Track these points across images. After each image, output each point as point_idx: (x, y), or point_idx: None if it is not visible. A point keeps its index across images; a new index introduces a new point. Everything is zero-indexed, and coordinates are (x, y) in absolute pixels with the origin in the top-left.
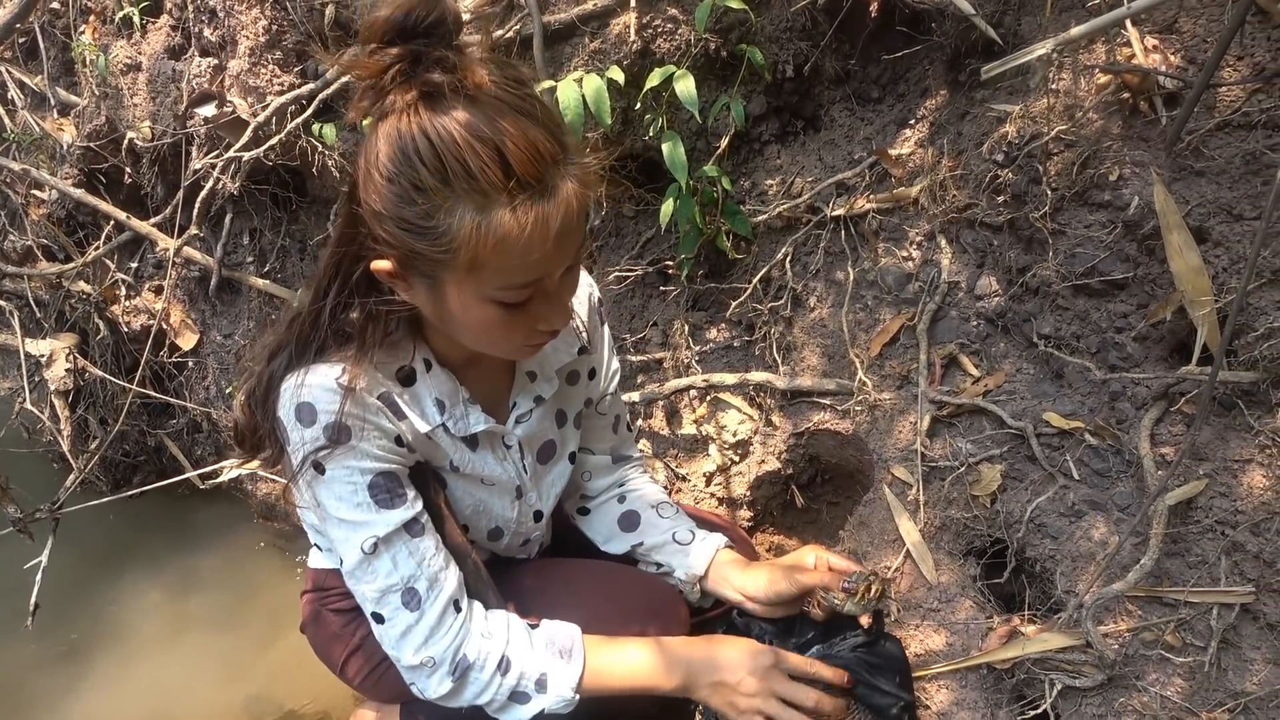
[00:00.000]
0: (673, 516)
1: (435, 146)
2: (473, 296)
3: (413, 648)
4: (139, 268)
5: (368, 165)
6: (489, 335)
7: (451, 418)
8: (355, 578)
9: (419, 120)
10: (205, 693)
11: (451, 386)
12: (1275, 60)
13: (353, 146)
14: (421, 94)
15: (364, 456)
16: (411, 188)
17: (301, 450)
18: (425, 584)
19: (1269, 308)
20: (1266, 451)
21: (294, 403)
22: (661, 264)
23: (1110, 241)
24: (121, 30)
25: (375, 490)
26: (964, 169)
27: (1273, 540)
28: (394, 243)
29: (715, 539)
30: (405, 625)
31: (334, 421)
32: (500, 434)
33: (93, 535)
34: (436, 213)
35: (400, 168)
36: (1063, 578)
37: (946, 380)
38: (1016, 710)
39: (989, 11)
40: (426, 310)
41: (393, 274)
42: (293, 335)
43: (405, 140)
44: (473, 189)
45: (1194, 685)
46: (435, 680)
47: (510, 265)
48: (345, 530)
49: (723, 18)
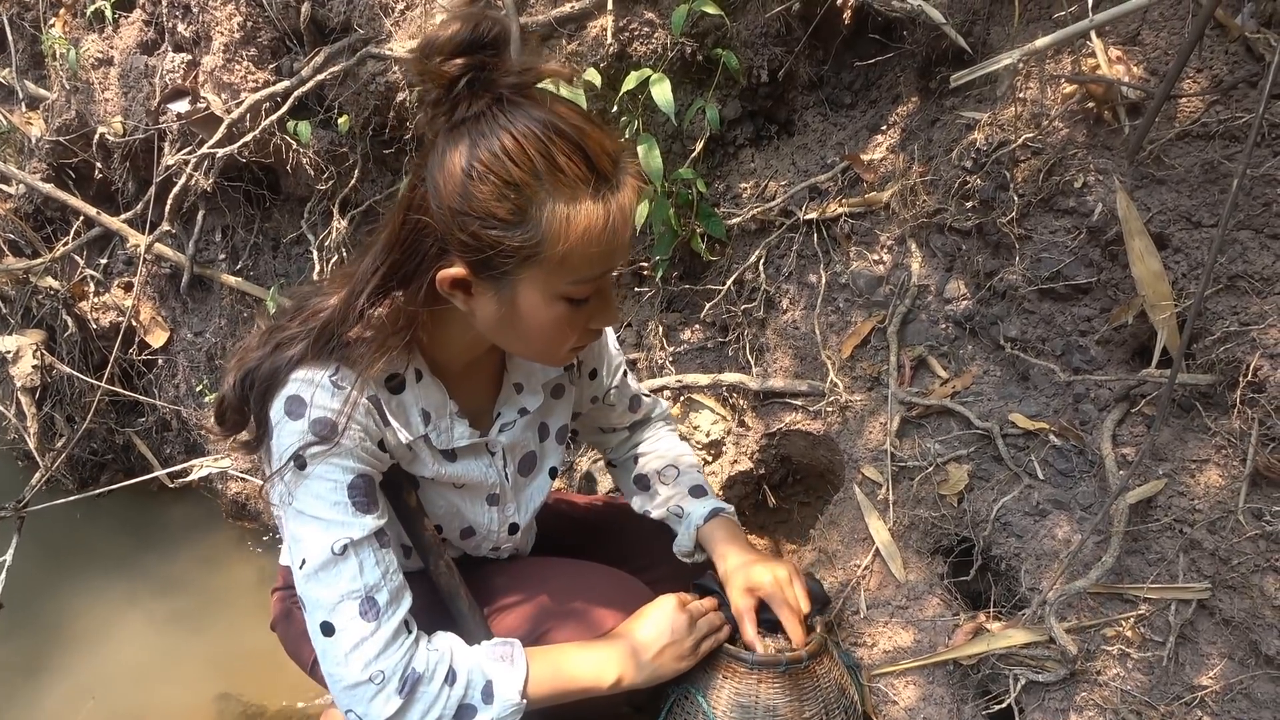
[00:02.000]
0: (672, 483)
1: (521, 144)
2: (546, 294)
3: (363, 661)
4: (108, 264)
5: (446, 170)
6: (550, 336)
7: (436, 430)
8: (316, 580)
9: (500, 122)
10: (174, 692)
11: (440, 399)
12: (1233, 73)
13: (329, 145)
14: (494, 100)
15: (348, 456)
16: (502, 184)
17: (285, 443)
18: (386, 596)
19: (1225, 312)
20: (1222, 452)
21: (284, 395)
22: (637, 265)
23: (1075, 247)
24: (93, 24)
25: (354, 492)
26: (934, 174)
27: (1228, 538)
28: (476, 244)
29: (699, 512)
30: (358, 637)
31: (323, 418)
32: (484, 443)
33: (59, 534)
34: (529, 205)
35: (490, 166)
36: (1027, 575)
37: (916, 381)
38: (981, 705)
39: (959, 21)
40: (485, 316)
41: (459, 281)
42: (311, 329)
43: (491, 141)
44: (561, 182)
45: (1153, 679)
46: (381, 699)
47: (590, 256)
48: (317, 528)
49: (699, 22)
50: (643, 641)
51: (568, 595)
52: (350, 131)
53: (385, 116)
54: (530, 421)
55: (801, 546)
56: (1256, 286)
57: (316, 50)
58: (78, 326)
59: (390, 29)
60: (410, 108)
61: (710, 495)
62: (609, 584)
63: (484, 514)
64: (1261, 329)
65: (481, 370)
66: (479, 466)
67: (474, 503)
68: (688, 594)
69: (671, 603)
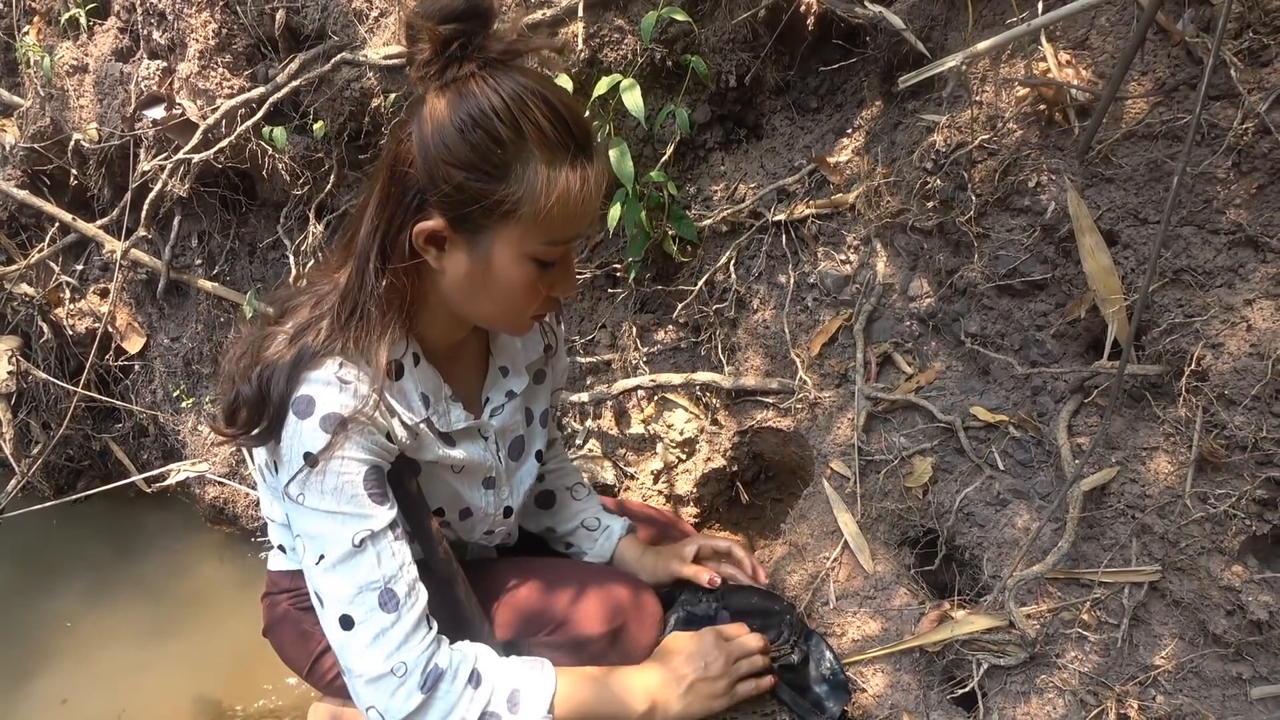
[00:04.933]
0: (584, 499)
1: (509, 103)
2: (518, 252)
3: (385, 653)
4: (84, 270)
5: (436, 123)
6: (516, 297)
7: (435, 413)
8: (334, 573)
9: (489, 83)
10: (151, 696)
11: (436, 382)
12: (1174, 75)
13: (304, 151)
14: (485, 63)
15: (360, 449)
16: (490, 139)
17: (296, 442)
18: (404, 588)
19: (1170, 305)
20: (1171, 439)
21: (296, 393)
22: (610, 267)
23: (1030, 244)
24: (67, 32)
25: (369, 484)
26: (897, 176)
27: (1176, 522)
28: (459, 196)
29: (618, 526)
30: (380, 628)
31: (332, 413)
32: (478, 427)
33: (36, 541)
34: (514, 162)
35: (479, 122)
36: (989, 563)
37: (882, 377)
38: (946, 690)
39: (918, 26)
40: (455, 274)
41: (435, 234)
42: (329, 308)
43: (479, 99)
44: (544, 145)
45: (1108, 661)
46: (403, 694)
47: (564, 218)
48: (334, 523)
49: (667, 28)
50: (677, 674)
51: (577, 595)
52: (325, 137)
53: (360, 122)
54: (518, 405)
55: (773, 541)
56: (1199, 280)
57: (291, 57)
58: (53, 332)
59: (364, 35)
60: (385, 113)
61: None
62: (614, 584)
63: (481, 497)
64: (1204, 320)
65: (468, 354)
66: (476, 450)
67: (472, 487)
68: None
69: (711, 637)
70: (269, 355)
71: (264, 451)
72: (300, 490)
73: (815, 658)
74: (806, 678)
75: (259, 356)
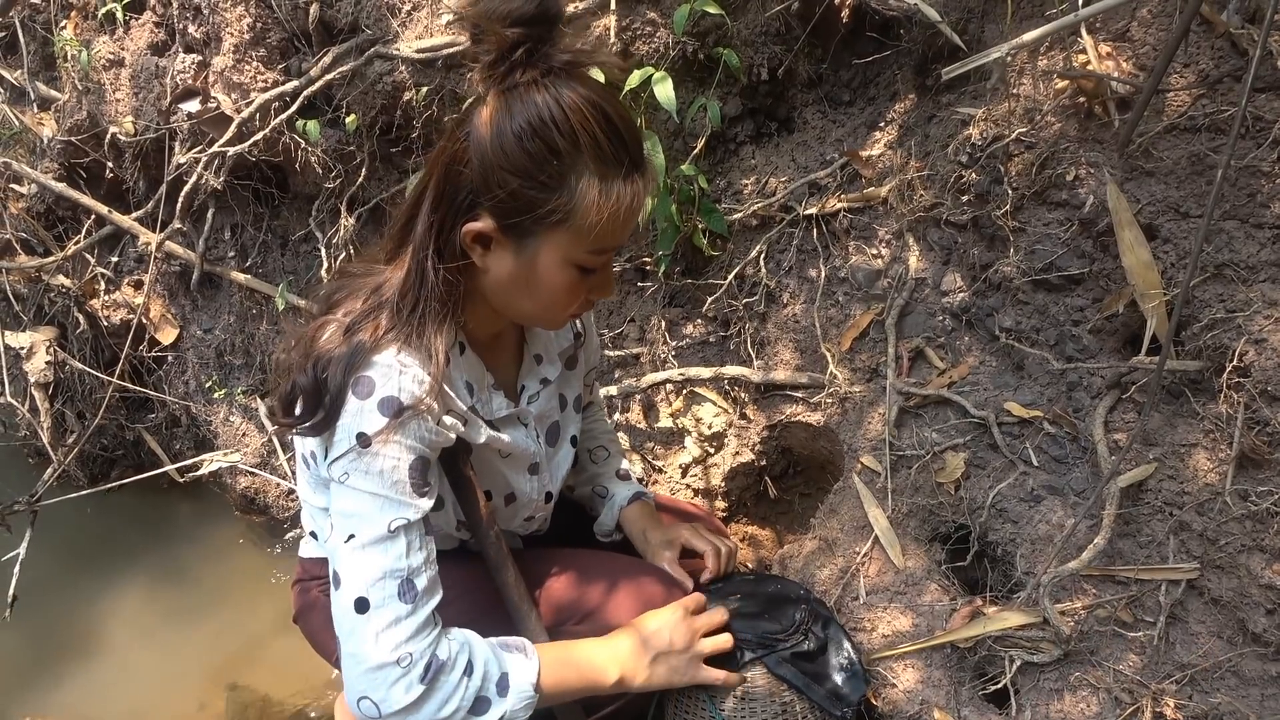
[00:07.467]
0: (601, 464)
1: (569, 116)
2: (562, 259)
3: (394, 642)
4: (119, 262)
5: (496, 128)
6: (558, 299)
7: (479, 401)
8: (363, 553)
9: (549, 92)
10: (184, 685)
11: (480, 371)
12: (1218, 67)
13: (337, 144)
14: (547, 71)
15: (412, 436)
16: (548, 150)
17: (353, 421)
18: (425, 583)
19: (1212, 300)
20: (1210, 436)
21: (357, 375)
22: (639, 261)
23: (1067, 238)
24: (104, 26)
25: (414, 473)
26: (930, 169)
27: (1216, 519)
28: (513, 201)
29: (621, 496)
30: (395, 616)
31: (391, 397)
32: (518, 414)
33: (71, 528)
34: (569, 174)
35: (539, 131)
36: (1022, 560)
37: (914, 373)
38: (978, 686)
39: (954, 19)
40: (498, 273)
41: (483, 235)
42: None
43: (541, 108)
44: (599, 157)
45: (1145, 659)
46: (403, 685)
47: (609, 229)
48: (373, 505)
49: (700, 21)
50: (645, 644)
51: (615, 584)
52: (358, 130)
53: (392, 116)
54: (552, 392)
55: (802, 536)
56: (1242, 274)
57: (325, 50)
58: (89, 324)
59: (397, 29)
60: (417, 107)
61: (633, 480)
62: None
63: (526, 483)
64: (1247, 316)
65: (505, 344)
66: (520, 436)
67: (519, 473)
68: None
69: (679, 613)
70: (324, 345)
71: (314, 440)
72: (346, 470)
73: (834, 646)
74: (825, 665)
75: (314, 346)
